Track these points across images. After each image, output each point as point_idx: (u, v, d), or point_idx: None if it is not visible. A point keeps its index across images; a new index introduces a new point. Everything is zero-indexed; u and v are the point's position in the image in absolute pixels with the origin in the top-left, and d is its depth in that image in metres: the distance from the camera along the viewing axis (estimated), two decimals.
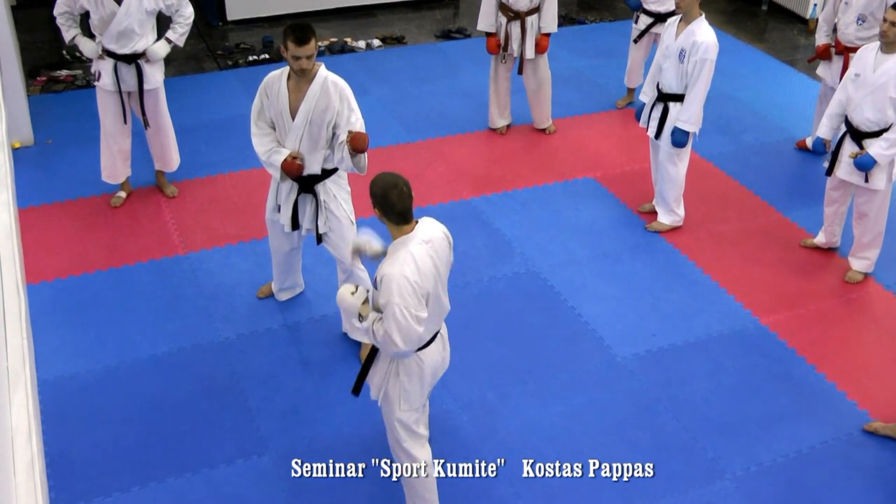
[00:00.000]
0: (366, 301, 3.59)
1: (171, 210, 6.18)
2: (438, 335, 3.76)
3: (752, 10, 10.09)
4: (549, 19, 6.81)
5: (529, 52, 6.85)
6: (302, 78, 4.39)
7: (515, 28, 6.76)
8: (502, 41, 6.82)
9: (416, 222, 3.54)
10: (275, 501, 4.11)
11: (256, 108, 4.60)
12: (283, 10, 9.25)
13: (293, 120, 4.47)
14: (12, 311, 2.41)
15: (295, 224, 4.76)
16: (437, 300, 3.60)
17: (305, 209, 4.71)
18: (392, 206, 3.43)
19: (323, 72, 4.43)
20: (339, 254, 4.75)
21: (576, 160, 6.96)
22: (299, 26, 4.29)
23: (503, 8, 6.75)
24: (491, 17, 6.80)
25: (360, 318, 3.58)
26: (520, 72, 6.95)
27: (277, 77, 4.50)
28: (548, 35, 6.85)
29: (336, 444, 4.41)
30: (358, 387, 3.87)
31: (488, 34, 6.85)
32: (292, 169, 4.53)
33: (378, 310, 3.52)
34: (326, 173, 4.63)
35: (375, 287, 3.50)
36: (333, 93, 4.41)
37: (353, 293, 3.58)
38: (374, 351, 3.77)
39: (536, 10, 6.74)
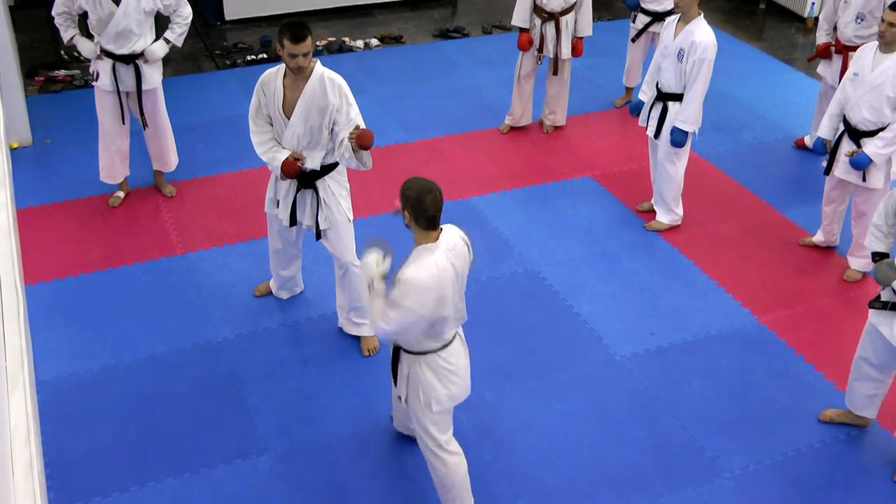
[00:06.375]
0: (384, 277, 3.65)
1: (170, 210, 6.17)
2: (458, 336, 3.81)
3: (750, 8, 10.09)
4: (585, 23, 6.85)
5: (565, 53, 6.87)
6: (299, 75, 4.38)
7: (550, 29, 6.77)
8: (537, 42, 6.83)
9: (441, 230, 3.57)
10: (273, 501, 4.11)
11: (254, 105, 4.59)
12: (281, 9, 9.23)
13: (290, 118, 4.46)
14: (11, 311, 2.41)
15: (293, 220, 4.76)
16: (455, 303, 3.66)
17: (305, 205, 4.71)
18: (425, 210, 3.46)
19: (319, 68, 4.42)
20: (336, 251, 4.76)
21: (574, 159, 6.96)
22: (295, 24, 4.28)
23: (537, 9, 6.75)
24: (525, 13, 6.80)
25: (371, 287, 3.64)
26: (554, 72, 6.96)
27: (274, 74, 4.49)
28: (581, 38, 6.89)
29: (335, 443, 4.41)
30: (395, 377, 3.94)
31: (521, 30, 6.86)
32: (292, 169, 4.53)
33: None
34: (326, 169, 4.64)
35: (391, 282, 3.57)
36: (331, 89, 4.40)
37: (377, 264, 3.63)
38: (396, 350, 3.84)
39: (570, 9, 6.74)
